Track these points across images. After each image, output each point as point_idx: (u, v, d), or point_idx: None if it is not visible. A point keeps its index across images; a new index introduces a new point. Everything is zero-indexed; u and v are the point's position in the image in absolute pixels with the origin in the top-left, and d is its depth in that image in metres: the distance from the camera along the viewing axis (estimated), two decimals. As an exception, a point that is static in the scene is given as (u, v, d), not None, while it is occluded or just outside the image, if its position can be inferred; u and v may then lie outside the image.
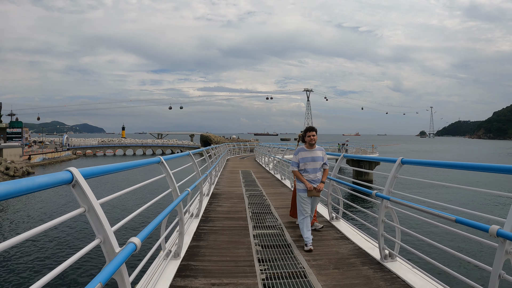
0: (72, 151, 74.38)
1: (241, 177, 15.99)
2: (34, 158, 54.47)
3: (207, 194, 10.23)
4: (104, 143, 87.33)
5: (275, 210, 8.36)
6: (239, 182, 13.92)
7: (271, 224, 6.95)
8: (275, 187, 12.64)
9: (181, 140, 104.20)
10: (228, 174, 17.39)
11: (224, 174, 17.56)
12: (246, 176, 16.58)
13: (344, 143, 49.02)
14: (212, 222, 7.17)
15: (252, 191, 11.44)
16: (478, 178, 35.78)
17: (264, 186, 12.72)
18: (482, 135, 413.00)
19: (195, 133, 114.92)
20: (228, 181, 14.54)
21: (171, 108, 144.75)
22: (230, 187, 12.45)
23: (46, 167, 52.74)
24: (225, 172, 18.68)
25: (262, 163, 24.74)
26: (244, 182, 14.04)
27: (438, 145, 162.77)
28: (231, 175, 16.92)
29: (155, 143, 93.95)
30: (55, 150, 65.08)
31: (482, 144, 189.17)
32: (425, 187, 30.09)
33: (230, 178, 15.74)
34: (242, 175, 16.97)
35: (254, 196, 10.55)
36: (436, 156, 79.45)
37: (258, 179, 15.26)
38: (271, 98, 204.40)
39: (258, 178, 15.49)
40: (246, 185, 13.05)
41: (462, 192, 28.15)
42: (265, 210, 8.45)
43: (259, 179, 15.12)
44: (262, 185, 13.12)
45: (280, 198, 10.29)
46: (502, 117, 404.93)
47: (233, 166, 23.16)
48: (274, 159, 17.87)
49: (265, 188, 12.21)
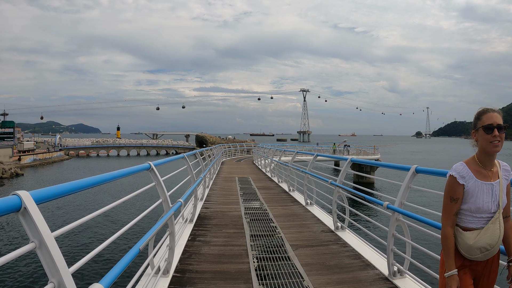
0: (65, 151, 73.08)
1: (238, 187, 13.09)
2: (24, 159, 53.13)
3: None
4: (98, 143, 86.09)
5: (294, 252, 5.42)
6: (235, 195, 11.17)
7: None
8: (284, 204, 9.78)
9: (176, 140, 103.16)
10: (223, 183, 14.53)
11: (218, 182, 14.72)
12: (244, 185, 13.86)
13: (347, 144, 47.16)
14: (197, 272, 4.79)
15: (254, 211, 8.61)
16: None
17: (270, 203, 9.90)
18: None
19: (191, 133, 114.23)
20: (222, 193, 11.81)
21: (159, 108, 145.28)
22: (224, 204, 9.59)
23: (36, 169, 51.44)
24: (219, 179, 15.88)
25: (262, 167, 22.30)
26: (243, 194, 11.36)
27: (436, 146, 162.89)
28: (226, 184, 14.12)
29: (150, 143, 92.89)
30: (47, 151, 63.71)
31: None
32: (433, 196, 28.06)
33: (225, 188, 12.99)
34: (239, 183, 14.18)
35: (257, 220, 7.64)
36: (438, 158, 78.59)
37: (260, 190, 12.54)
38: (271, 97, 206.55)
39: (260, 189, 12.74)
40: (245, 199, 10.37)
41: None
42: (277, 250, 5.54)
43: (261, 190, 12.37)
44: (266, 200, 10.36)
45: (295, 225, 7.33)
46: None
47: (228, 172, 19.96)
48: (289, 167, 12.02)
49: (271, 206, 9.34)
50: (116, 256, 14.28)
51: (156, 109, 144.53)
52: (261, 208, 9.13)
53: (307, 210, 8.92)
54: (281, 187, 13.25)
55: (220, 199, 10.54)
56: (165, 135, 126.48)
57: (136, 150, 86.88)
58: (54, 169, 51.21)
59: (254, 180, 15.51)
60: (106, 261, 14.01)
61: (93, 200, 28.41)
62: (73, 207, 26.11)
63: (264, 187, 13.29)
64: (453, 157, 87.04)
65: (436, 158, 78.08)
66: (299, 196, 10.95)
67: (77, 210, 24.95)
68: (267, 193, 11.87)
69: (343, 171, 6.47)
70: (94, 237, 18.03)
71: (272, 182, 14.96)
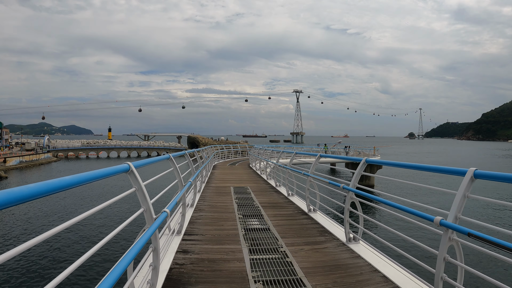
0: (53, 153, 71.23)
1: (235, 204, 9.45)
2: (9, 160, 51.28)
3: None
4: (89, 145, 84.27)
5: None
6: (232, 222, 7.35)
7: None
8: (306, 235, 6.38)
9: (168, 142, 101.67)
10: (214, 197, 10.83)
11: (207, 195, 11.14)
12: (243, 199, 10.42)
13: (347, 145, 45.92)
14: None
15: (266, 260, 5.06)
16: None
17: (286, 233, 6.45)
18: (471, 137, 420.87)
19: (183, 134, 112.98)
20: (212, 213, 8.21)
21: (141, 110, 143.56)
22: (215, 243, 5.82)
23: (23, 171, 49.62)
24: (208, 191, 12.08)
25: (260, 171, 19.26)
26: (241, 218, 7.72)
27: (431, 147, 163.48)
28: (218, 199, 10.31)
29: (141, 145, 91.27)
30: (34, 152, 61.82)
31: (476, 146, 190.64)
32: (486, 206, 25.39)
33: (216, 206, 9.18)
34: (236, 198, 10.59)
35: (273, 271, 4.60)
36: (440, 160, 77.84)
37: (266, 208, 9.00)
38: (269, 98, 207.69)
39: (266, 207, 9.16)
40: (247, 229, 6.72)
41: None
42: None
43: (268, 209, 8.86)
44: (277, 228, 6.80)
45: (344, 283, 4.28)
46: (491, 119, 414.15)
47: (221, 179, 16.23)
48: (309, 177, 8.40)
49: (289, 244, 5.81)
50: (87, 283, 11.54)
51: (139, 110, 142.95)
52: (274, 246, 5.70)
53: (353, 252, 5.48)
54: (293, 202, 9.99)
55: (209, 230, 6.59)
56: (157, 136, 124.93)
57: (126, 151, 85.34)
58: (40, 172, 49.51)
59: (255, 191, 12.06)
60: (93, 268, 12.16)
61: (60, 209, 23.51)
62: (32, 220, 20.58)
63: (270, 204, 9.60)
64: (457, 157, 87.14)
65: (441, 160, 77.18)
66: (333, 227, 7.06)
67: (37, 226, 19.42)
68: (277, 214, 8.29)
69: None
70: (58, 259, 13.91)
71: (279, 196, 11.23)
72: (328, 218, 7.76)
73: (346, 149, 43.14)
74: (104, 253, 13.71)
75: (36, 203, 23.27)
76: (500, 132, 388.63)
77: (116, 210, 22.25)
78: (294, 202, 9.96)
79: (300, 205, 9.44)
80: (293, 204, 9.76)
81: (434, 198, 27.58)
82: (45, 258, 13.82)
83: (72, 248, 15.10)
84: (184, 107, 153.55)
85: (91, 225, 18.93)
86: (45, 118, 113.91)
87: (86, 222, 18.81)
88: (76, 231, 17.49)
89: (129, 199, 21.64)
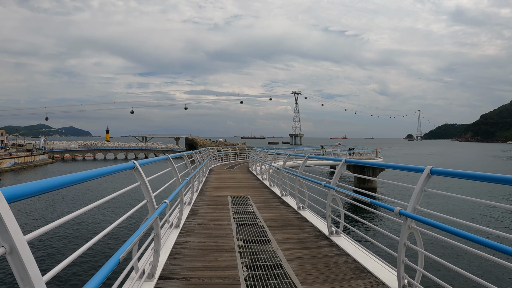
0: (49, 155, 70.98)
1: (233, 220, 7.76)
2: (4, 162, 50.94)
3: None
4: (86, 146, 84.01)
5: None
6: (229, 248, 5.72)
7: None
8: (336, 277, 4.54)
9: (166, 143, 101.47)
10: (207, 211, 8.78)
11: (199, 208, 9.17)
12: (242, 213, 8.47)
13: (351, 147, 45.55)
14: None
15: None
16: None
17: (306, 274, 4.64)
18: (470, 138, 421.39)
19: (181, 136, 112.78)
20: (204, 238, 6.31)
21: (133, 112, 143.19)
22: (206, 286, 4.22)
23: (17, 173, 49.34)
24: (201, 202, 10.10)
25: (261, 176, 17.59)
26: (242, 245, 5.88)
27: (431, 148, 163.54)
28: (212, 215, 8.34)
29: (138, 146, 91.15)
30: (30, 154, 61.52)
31: (475, 147, 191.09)
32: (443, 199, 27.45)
33: (209, 226, 7.27)
34: (234, 211, 8.69)
35: None
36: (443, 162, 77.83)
37: (273, 228, 7.04)
38: (270, 99, 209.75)
39: (273, 226, 7.22)
40: (248, 264, 4.98)
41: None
42: None
43: (275, 230, 6.93)
44: (293, 265, 4.98)
45: None
46: (489, 120, 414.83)
47: (217, 186, 14.30)
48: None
49: None
50: (97, 262, 13.66)
51: (131, 112, 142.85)
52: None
53: None
54: (307, 220, 7.90)
55: (196, 270, 4.68)
56: (155, 138, 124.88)
57: (123, 153, 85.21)
58: (35, 173, 49.36)
59: (258, 203, 10.10)
60: (85, 269, 13.28)
61: (73, 200, 28.01)
62: (50, 208, 25.29)
63: (279, 223, 7.61)
64: (460, 159, 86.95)
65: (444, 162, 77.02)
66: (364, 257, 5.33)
67: (54, 212, 24.03)
68: (290, 240, 6.25)
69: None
70: (73, 241, 17.15)
71: (287, 209, 9.32)
72: (363, 249, 5.60)
73: (350, 151, 42.71)
74: (112, 238, 16.34)
75: (60, 192, 27.79)
76: (498, 134, 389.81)
77: (123, 202, 25.16)
78: (307, 219, 7.92)
79: (317, 224, 7.39)
80: (306, 221, 7.77)
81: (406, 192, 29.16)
82: (63, 241, 17.27)
83: (85, 233, 18.50)
84: (186, 108, 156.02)
85: (104, 211, 22.94)
86: (48, 119, 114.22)
87: (99, 209, 22.36)
88: (90, 217, 21.33)
89: (132, 198, 24.61)
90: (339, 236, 6.20)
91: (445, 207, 25.64)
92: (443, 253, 14.35)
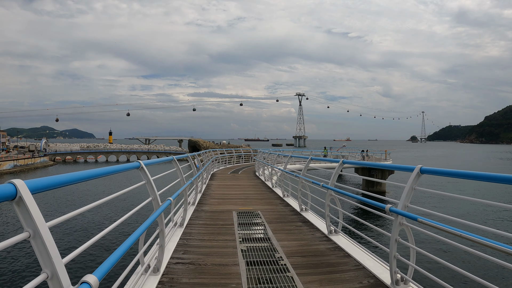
0: (50, 157, 70.79)
1: (241, 253, 5.37)
2: (3, 164, 50.66)
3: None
4: (88, 148, 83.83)
5: None
6: None
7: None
8: None
9: (169, 145, 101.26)
10: (205, 237, 6.39)
11: (194, 231, 6.77)
12: (252, 241, 6.12)
13: (364, 150, 45.05)
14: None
15: None
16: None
17: None
18: (474, 140, 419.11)
19: (184, 138, 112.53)
20: None
21: (129, 114, 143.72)
22: None
23: (17, 175, 49.00)
24: (198, 221, 7.73)
25: (269, 182, 15.61)
26: None
27: (436, 150, 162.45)
28: (211, 244, 5.97)
29: (141, 148, 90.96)
30: (30, 156, 61.27)
31: (480, 149, 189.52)
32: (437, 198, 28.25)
33: (206, 267, 4.78)
34: (241, 237, 6.37)
35: None
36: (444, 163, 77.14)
37: (301, 270, 4.72)
38: (277, 100, 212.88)
39: (300, 266, 4.87)
40: None
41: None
42: None
43: (306, 275, 4.54)
44: None
45: None
46: (494, 122, 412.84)
47: (220, 196, 12.14)
48: None
49: None
50: (107, 252, 14.70)
51: (127, 115, 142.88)
52: None
53: None
54: (346, 253, 5.43)
55: None
56: (158, 140, 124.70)
57: (125, 155, 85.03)
58: (36, 176, 48.81)
59: (272, 223, 7.68)
60: (97, 255, 14.74)
61: (85, 196, 30.89)
62: (65, 202, 28.84)
63: (308, 259, 5.21)
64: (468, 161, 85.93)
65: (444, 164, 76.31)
66: None
67: (69, 205, 27.16)
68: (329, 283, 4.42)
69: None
70: (87, 230, 19.31)
71: (313, 232, 6.91)
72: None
73: (363, 153, 42.03)
74: (120, 232, 17.18)
75: (70, 189, 31.58)
76: (503, 135, 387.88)
77: (128, 201, 26.30)
78: (347, 252, 5.43)
79: (365, 262, 4.93)
80: (347, 256, 5.31)
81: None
82: (79, 229, 19.53)
83: (97, 224, 20.66)
84: (195, 110, 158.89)
85: (114, 207, 24.93)
86: (58, 120, 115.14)
87: (106, 205, 24.31)
88: (100, 211, 23.57)
89: (137, 199, 24.33)
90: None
91: (440, 205, 26.63)
92: (434, 248, 14.76)
